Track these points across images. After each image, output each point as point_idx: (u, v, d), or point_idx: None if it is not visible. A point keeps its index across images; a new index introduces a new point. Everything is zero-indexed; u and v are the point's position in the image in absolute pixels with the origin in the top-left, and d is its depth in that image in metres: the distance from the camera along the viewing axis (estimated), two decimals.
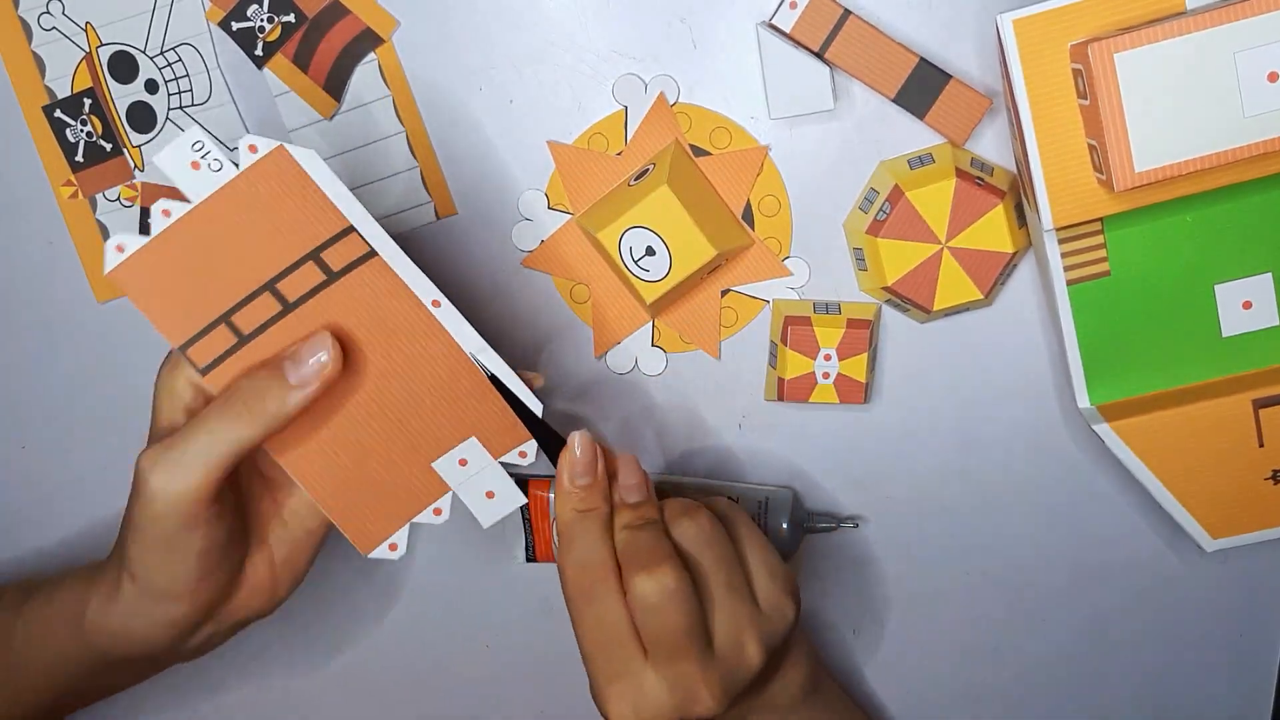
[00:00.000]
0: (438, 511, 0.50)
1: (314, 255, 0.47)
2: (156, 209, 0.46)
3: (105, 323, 0.62)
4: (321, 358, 0.46)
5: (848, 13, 0.54)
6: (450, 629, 0.64)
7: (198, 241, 0.46)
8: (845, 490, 0.61)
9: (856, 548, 0.62)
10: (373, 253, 0.47)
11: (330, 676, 0.66)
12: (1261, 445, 0.53)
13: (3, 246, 0.61)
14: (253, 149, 0.46)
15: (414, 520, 0.50)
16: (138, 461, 0.47)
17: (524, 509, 0.61)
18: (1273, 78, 0.47)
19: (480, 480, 0.50)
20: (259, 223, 0.46)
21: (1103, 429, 0.53)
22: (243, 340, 0.47)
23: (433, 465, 0.49)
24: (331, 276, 0.47)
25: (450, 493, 0.50)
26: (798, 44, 0.54)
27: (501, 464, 0.50)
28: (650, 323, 0.60)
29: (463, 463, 0.50)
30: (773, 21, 0.55)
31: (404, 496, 0.50)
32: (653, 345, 0.60)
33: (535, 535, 0.61)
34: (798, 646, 0.54)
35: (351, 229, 0.47)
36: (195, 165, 0.45)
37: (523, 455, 0.50)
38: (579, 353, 0.60)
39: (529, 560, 0.62)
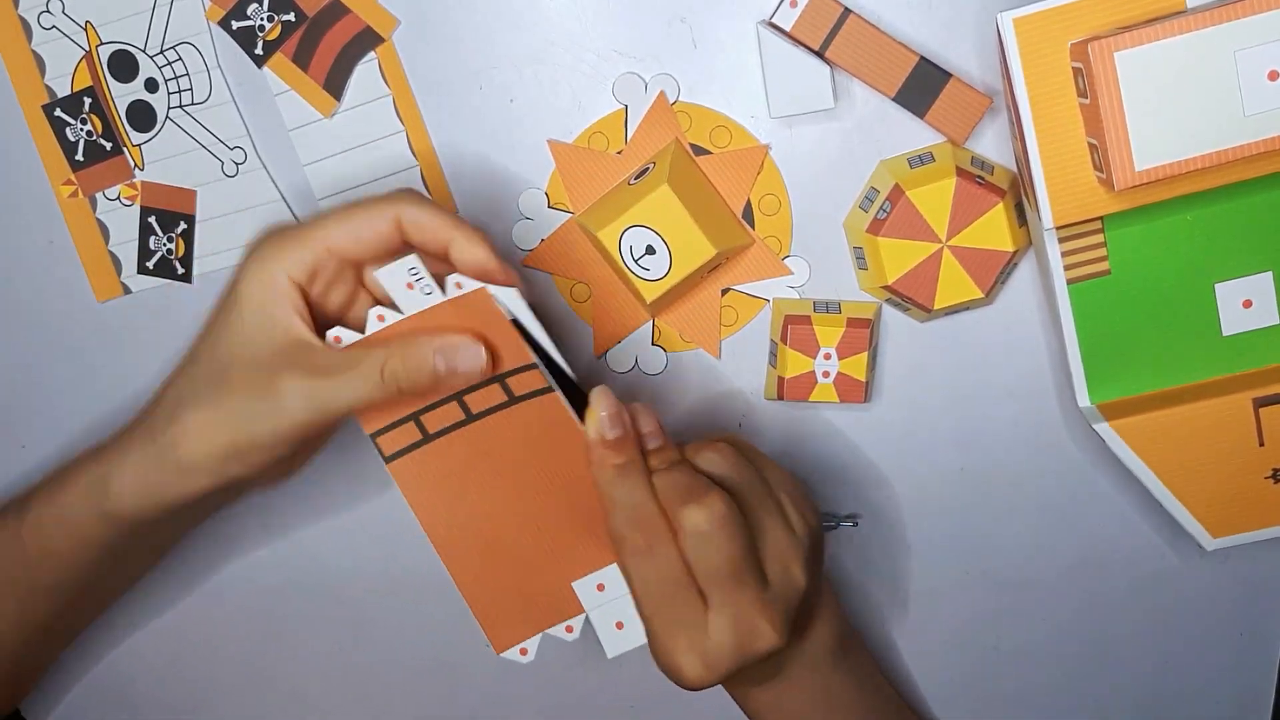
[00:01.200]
0: (570, 629, 0.53)
1: (500, 379, 0.50)
2: (373, 314, 0.49)
3: (105, 323, 0.62)
4: (477, 363, 0.49)
5: (848, 12, 0.54)
6: (450, 629, 0.64)
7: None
8: (845, 489, 0.61)
9: (856, 547, 0.62)
10: (550, 388, 0.50)
11: (330, 676, 0.66)
12: (1262, 444, 0.53)
13: (3, 246, 0.61)
14: (459, 285, 0.49)
15: (546, 631, 0.52)
16: (280, 378, 0.48)
17: None
18: (1273, 76, 0.47)
19: (614, 608, 0.52)
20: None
21: (1103, 428, 0.53)
22: (427, 438, 0.50)
23: (573, 585, 0.52)
24: (512, 399, 0.50)
25: (584, 614, 0.52)
26: (798, 43, 0.54)
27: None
28: (650, 322, 0.60)
29: (600, 588, 0.52)
30: (773, 20, 0.55)
31: (542, 607, 0.52)
32: (653, 344, 0.60)
33: None
34: (827, 606, 0.55)
35: (535, 365, 0.50)
36: (410, 286, 0.49)
37: None
38: (579, 352, 0.60)
39: None
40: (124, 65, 0.59)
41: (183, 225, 0.60)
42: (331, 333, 0.49)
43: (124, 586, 0.61)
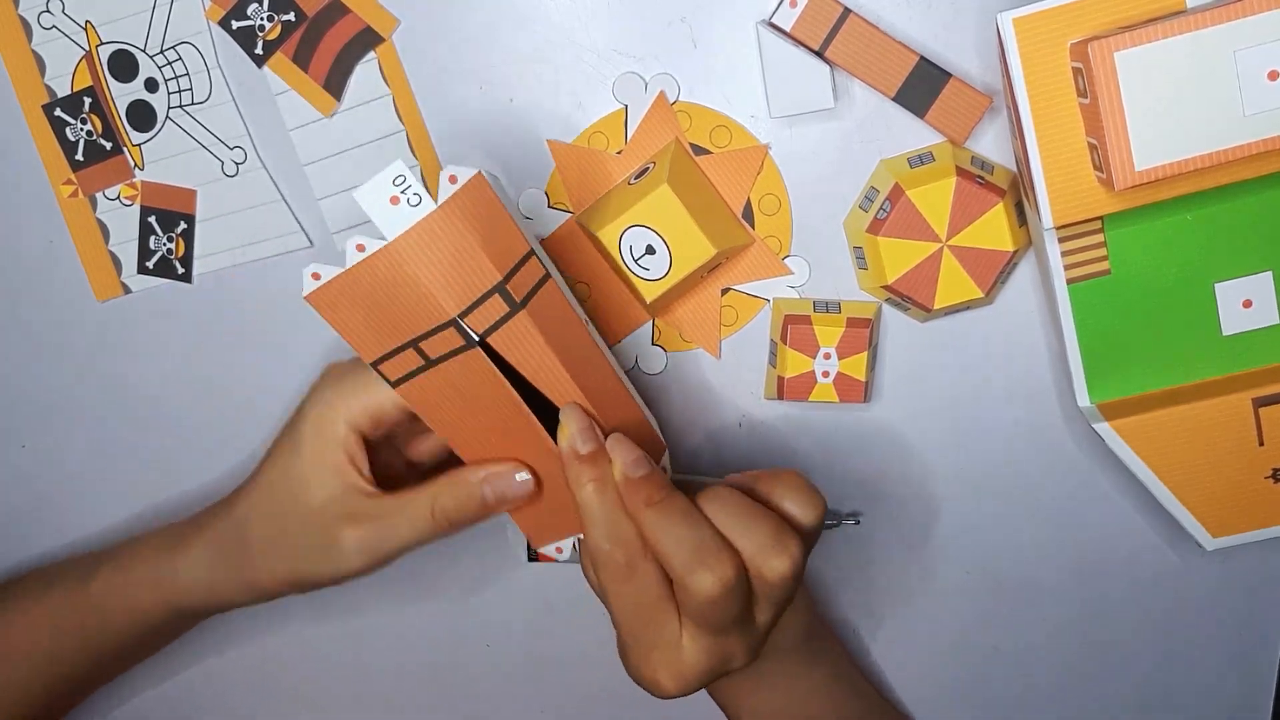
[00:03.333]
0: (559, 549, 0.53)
1: (500, 288, 0.47)
2: (351, 244, 0.46)
3: (105, 322, 0.62)
4: (524, 489, 0.51)
5: (848, 11, 0.54)
6: (450, 629, 0.64)
7: (388, 275, 0.47)
8: (845, 489, 0.61)
9: (856, 547, 0.62)
10: (548, 275, 0.49)
11: (330, 676, 0.66)
12: (1261, 444, 0.53)
13: (3, 245, 0.61)
14: (453, 179, 0.46)
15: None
16: (340, 530, 0.51)
17: None
18: (1273, 76, 0.47)
19: None
20: (445, 259, 0.46)
21: (1103, 428, 0.53)
22: (429, 364, 0.49)
23: None
24: (515, 308, 0.47)
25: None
26: (798, 43, 0.54)
27: None
28: (650, 321, 0.60)
29: None
30: (773, 20, 0.55)
31: (568, 517, 0.52)
32: (653, 344, 0.60)
33: None
34: (798, 596, 0.56)
35: (532, 253, 0.48)
36: (395, 200, 0.46)
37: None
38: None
39: (530, 560, 0.62)
40: (124, 65, 0.59)
41: (183, 225, 0.60)
42: (309, 268, 0.47)
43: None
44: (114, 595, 0.57)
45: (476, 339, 0.47)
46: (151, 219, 0.60)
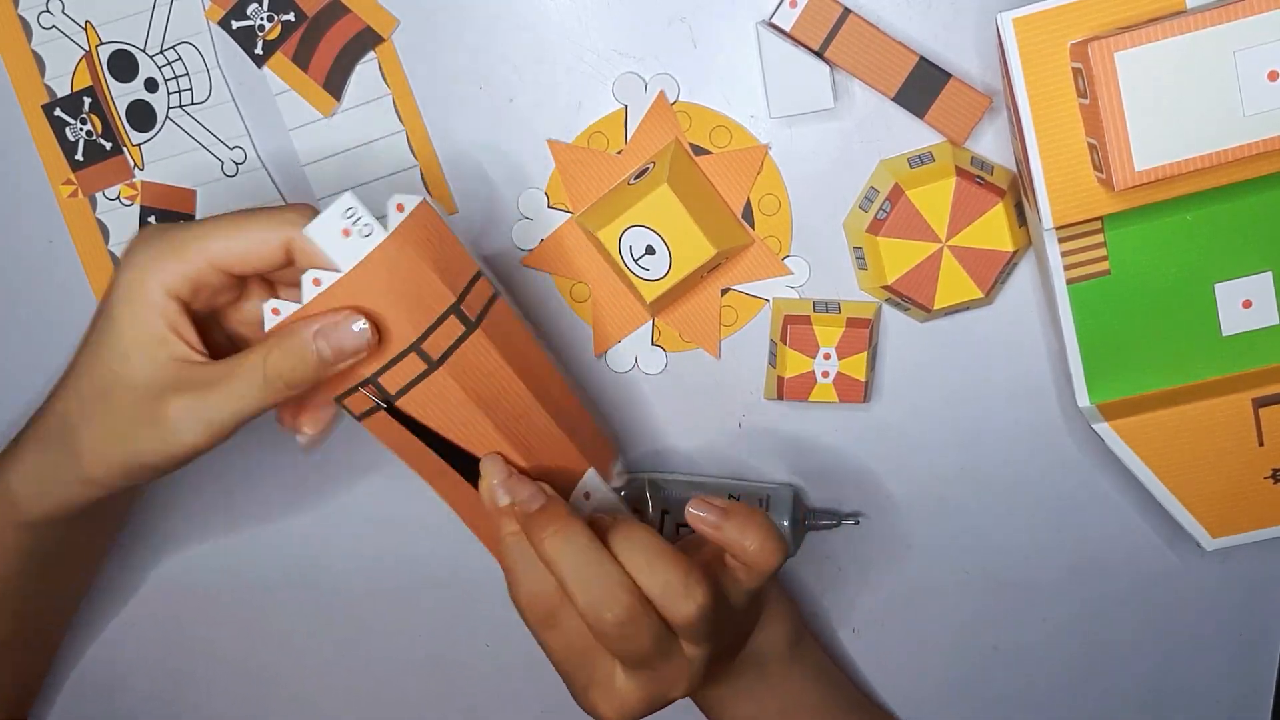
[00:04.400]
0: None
1: (455, 309, 0.47)
2: (307, 279, 0.46)
3: None
4: (362, 339, 0.46)
5: (847, 11, 0.54)
6: (450, 629, 0.64)
7: (346, 304, 0.46)
8: (844, 489, 0.61)
9: (856, 547, 0.62)
10: (498, 293, 0.49)
11: (330, 676, 0.66)
12: (1261, 444, 0.53)
13: (2, 245, 0.61)
14: (400, 207, 0.46)
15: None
16: (165, 401, 0.47)
17: None
18: (1273, 76, 0.47)
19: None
20: (400, 286, 0.47)
21: (1102, 428, 0.53)
22: (389, 400, 0.48)
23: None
24: (471, 326, 0.48)
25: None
26: (798, 43, 0.54)
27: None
28: (650, 322, 0.60)
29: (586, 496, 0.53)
30: (773, 20, 0.55)
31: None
32: (653, 344, 0.60)
33: None
34: (779, 604, 0.56)
35: (480, 274, 0.48)
36: (346, 232, 0.46)
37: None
38: (579, 351, 0.60)
39: None
40: (124, 65, 0.59)
41: None
42: (268, 305, 0.47)
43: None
44: None
45: (388, 400, 0.48)
46: (151, 219, 0.60)
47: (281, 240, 0.47)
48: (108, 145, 0.59)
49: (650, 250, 0.55)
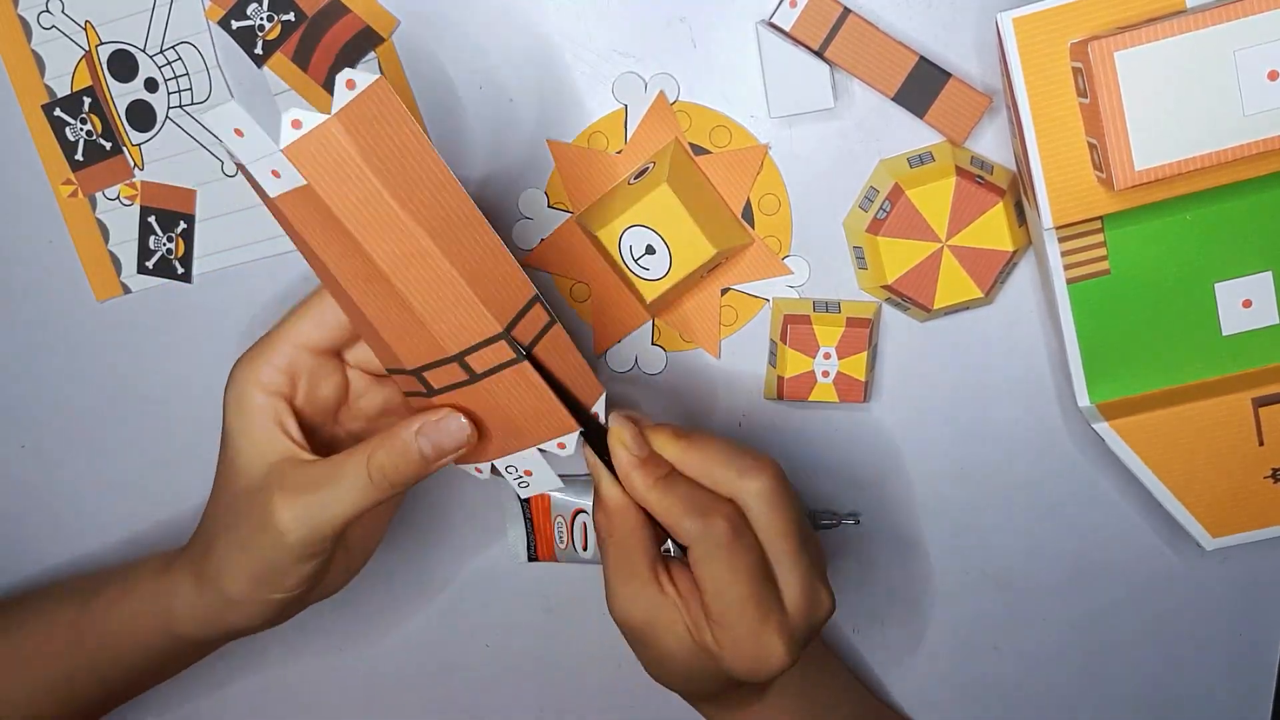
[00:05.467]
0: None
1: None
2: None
3: (105, 322, 0.62)
4: (462, 435, 0.48)
5: (847, 11, 0.54)
6: (450, 629, 0.64)
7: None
8: (844, 489, 0.61)
9: (856, 547, 0.62)
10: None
11: (330, 676, 0.66)
12: (1261, 444, 0.53)
13: (3, 246, 0.61)
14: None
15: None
16: (273, 503, 0.48)
17: (525, 507, 0.61)
18: (1273, 76, 0.47)
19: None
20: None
21: (1102, 428, 0.53)
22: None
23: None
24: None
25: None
26: (797, 42, 0.54)
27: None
28: (650, 321, 0.60)
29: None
30: (772, 20, 0.55)
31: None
32: (653, 344, 0.60)
33: (536, 534, 0.61)
34: None
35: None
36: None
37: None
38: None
39: (530, 560, 0.62)
40: (124, 65, 0.59)
41: (182, 225, 0.60)
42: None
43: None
44: (115, 621, 0.55)
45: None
46: (151, 219, 0.60)
47: None
48: (108, 145, 0.59)
49: (650, 250, 0.55)
